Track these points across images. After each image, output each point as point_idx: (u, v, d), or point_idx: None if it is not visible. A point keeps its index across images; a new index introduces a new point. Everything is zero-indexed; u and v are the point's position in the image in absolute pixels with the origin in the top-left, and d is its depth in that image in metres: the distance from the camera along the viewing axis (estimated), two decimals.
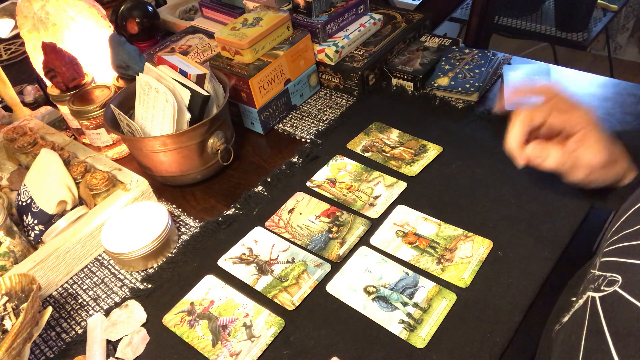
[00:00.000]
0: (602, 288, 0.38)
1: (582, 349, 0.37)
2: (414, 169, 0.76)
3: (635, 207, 0.39)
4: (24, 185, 0.76)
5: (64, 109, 0.90)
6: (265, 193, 0.77)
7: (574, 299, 0.43)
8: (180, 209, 0.79)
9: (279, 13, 0.88)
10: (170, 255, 0.71)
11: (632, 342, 0.33)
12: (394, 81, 0.92)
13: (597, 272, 0.40)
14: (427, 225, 0.67)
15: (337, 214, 0.71)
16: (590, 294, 0.39)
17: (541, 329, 0.54)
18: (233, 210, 0.76)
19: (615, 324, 0.35)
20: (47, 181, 0.74)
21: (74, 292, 0.70)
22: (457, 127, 0.81)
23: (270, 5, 0.93)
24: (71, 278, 0.72)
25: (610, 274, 0.38)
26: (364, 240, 0.67)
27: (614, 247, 0.39)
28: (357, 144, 0.82)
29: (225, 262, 0.68)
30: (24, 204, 0.74)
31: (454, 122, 0.83)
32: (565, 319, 0.43)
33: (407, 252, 0.65)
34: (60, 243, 0.69)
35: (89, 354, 0.59)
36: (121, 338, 0.61)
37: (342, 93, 0.94)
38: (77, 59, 0.88)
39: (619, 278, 0.36)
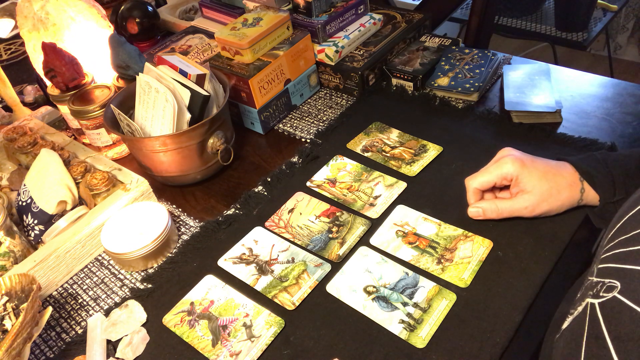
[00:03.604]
0: (601, 294, 0.38)
1: (582, 354, 0.37)
2: (414, 169, 0.76)
3: (631, 213, 0.40)
4: (24, 185, 0.76)
5: (64, 109, 0.90)
6: (265, 193, 0.77)
7: (572, 307, 0.43)
8: (180, 209, 0.79)
9: (279, 13, 0.88)
10: (170, 255, 0.71)
11: (633, 347, 0.33)
12: (394, 81, 0.92)
13: (595, 279, 0.40)
14: (427, 225, 0.67)
15: (337, 214, 0.71)
16: (589, 300, 0.39)
17: (541, 329, 0.54)
18: (233, 210, 0.76)
19: (616, 329, 0.35)
20: (47, 181, 0.74)
21: (74, 292, 0.70)
22: (457, 127, 0.82)
23: (270, 5, 0.93)
24: (71, 278, 0.72)
25: (608, 280, 0.38)
26: (364, 240, 0.67)
27: (611, 253, 0.40)
28: (357, 144, 0.82)
29: (225, 262, 0.68)
30: (24, 204, 0.74)
31: (454, 122, 0.83)
32: (565, 326, 0.43)
33: (407, 252, 0.65)
34: (60, 243, 0.69)
35: (89, 354, 0.59)
36: (121, 338, 0.61)
37: (342, 93, 0.94)
38: (77, 59, 0.88)
39: (618, 284, 0.36)
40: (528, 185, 0.61)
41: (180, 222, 0.76)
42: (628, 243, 0.38)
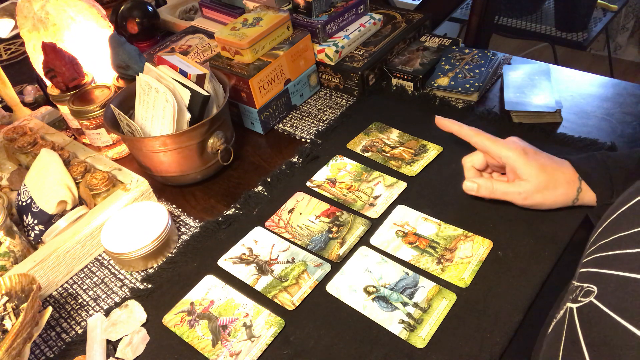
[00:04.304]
0: (579, 299, 0.38)
1: (560, 359, 0.37)
2: (414, 169, 0.76)
3: (611, 218, 0.40)
4: (24, 185, 0.76)
5: (64, 109, 0.90)
6: (265, 193, 0.77)
7: (557, 311, 0.43)
8: (180, 209, 0.79)
9: (279, 13, 0.88)
10: (170, 255, 0.71)
11: (606, 353, 0.33)
12: (394, 81, 0.92)
13: (576, 283, 0.40)
14: (427, 225, 0.67)
15: (337, 214, 0.71)
16: (569, 304, 0.39)
17: (541, 329, 0.54)
18: (233, 210, 0.76)
19: (590, 334, 0.35)
20: (47, 181, 0.74)
21: (74, 292, 0.70)
22: None
23: (270, 5, 0.93)
24: (71, 278, 0.72)
25: (586, 285, 0.38)
26: (364, 240, 0.67)
27: (591, 257, 0.40)
28: (357, 144, 0.82)
29: (225, 262, 0.68)
30: (24, 204, 0.74)
31: None
32: (549, 330, 0.43)
33: (407, 252, 0.65)
34: (60, 243, 0.69)
35: (89, 354, 0.59)
36: (121, 338, 0.61)
37: (342, 93, 0.94)
38: (77, 59, 0.88)
39: (595, 288, 0.36)
40: (525, 173, 0.61)
41: (180, 222, 0.76)
42: (607, 248, 0.38)
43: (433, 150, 0.78)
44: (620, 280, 0.34)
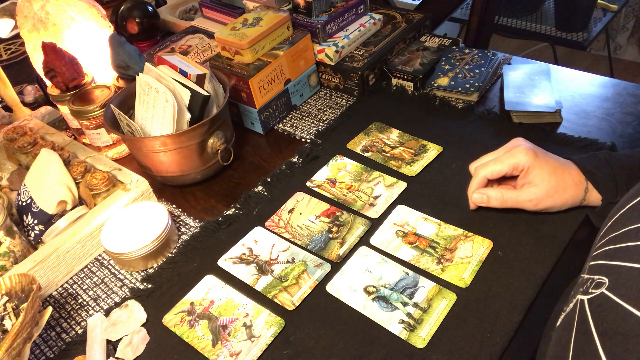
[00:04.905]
0: (590, 290, 0.38)
1: (571, 350, 0.38)
2: (414, 169, 0.76)
3: (622, 211, 0.40)
4: (24, 185, 0.76)
5: (64, 109, 0.90)
6: (265, 193, 0.77)
7: (565, 304, 0.44)
8: (180, 209, 0.79)
9: (279, 13, 0.88)
10: (170, 255, 0.71)
11: (618, 342, 0.33)
12: (394, 81, 0.92)
13: (586, 276, 0.41)
14: (427, 225, 0.67)
15: (337, 214, 0.71)
16: (580, 296, 0.40)
17: (541, 329, 0.54)
18: (233, 210, 0.76)
19: (603, 325, 0.35)
20: (47, 181, 0.74)
21: (74, 292, 0.70)
22: (457, 127, 0.82)
23: (270, 5, 0.93)
24: (71, 278, 0.72)
25: (597, 277, 0.38)
26: (364, 240, 0.67)
27: (601, 250, 0.40)
28: (357, 144, 0.82)
29: (225, 262, 0.68)
30: (24, 204, 0.74)
31: (454, 122, 0.83)
32: (558, 323, 0.44)
33: (407, 252, 0.65)
34: (60, 243, 0.69)
35: (89, 354, 0.59)
36: (121, 338, 0.61)
37: (342, 93, 0.94)
38: (77, 59, 0.88)
39: (606, 280, 0.37)
40: (536, 178, 0.61)
41: (180, 222, 0.76)
42: (617, 240, 0.38)
43: (433, 150, 0.78)
44: (631, 271, 0.35)
